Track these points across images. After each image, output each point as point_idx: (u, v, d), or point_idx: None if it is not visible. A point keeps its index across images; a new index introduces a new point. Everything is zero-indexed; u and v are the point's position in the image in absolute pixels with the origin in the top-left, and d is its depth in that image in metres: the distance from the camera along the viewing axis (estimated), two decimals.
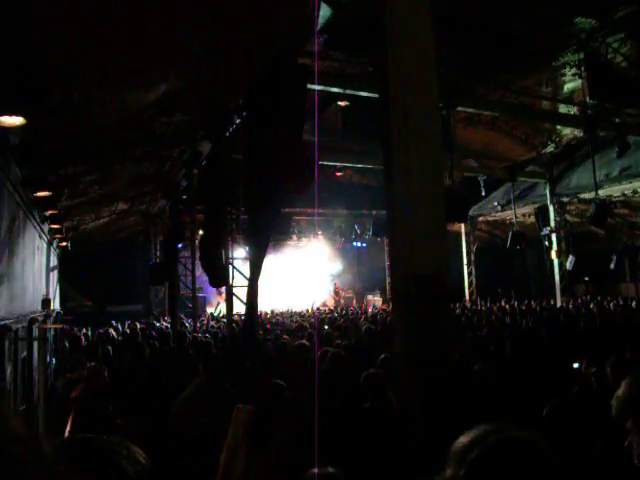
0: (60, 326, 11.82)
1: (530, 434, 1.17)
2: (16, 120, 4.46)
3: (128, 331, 13.22)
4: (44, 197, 7.32)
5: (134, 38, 4.98)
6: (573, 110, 12.84)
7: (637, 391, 1.31)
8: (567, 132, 15.24)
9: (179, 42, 5.74)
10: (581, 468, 2.55)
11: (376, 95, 7.05)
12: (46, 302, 9.91)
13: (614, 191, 16.49)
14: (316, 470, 2.51)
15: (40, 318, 9.03)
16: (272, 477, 3.97)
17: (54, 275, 13.51)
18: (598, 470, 2.57)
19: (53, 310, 11.13)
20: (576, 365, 5.44)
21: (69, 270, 15.99)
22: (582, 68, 10.51)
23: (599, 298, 18.15)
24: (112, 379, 6.28)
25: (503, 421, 1.20)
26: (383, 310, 18.76)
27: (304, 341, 6.34)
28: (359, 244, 27.47)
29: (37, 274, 9.37)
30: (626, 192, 16.66)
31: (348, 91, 10.17)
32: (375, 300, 26.95)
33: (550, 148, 16.66)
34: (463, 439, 1.18)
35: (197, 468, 4.61)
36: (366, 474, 3.16)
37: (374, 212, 21.49)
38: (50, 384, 9.02)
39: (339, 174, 17.74)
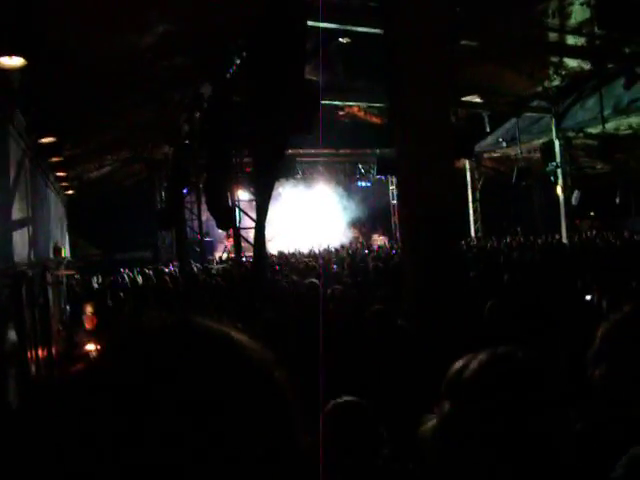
0: (73, 272, 11.99)
1: (526, 352, 1.12)
2: (16, 61, 4.37)
3: (139, 277, 13.43)
4: (49, 144, 7.33)
5: None
6: (581, 42, 12.51)
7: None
8: (574, 65, 14.87)
9: None
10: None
11: (379, 31, 6.91)
12: (57, 249, 10.03)
13: (622, 124, 16.22)
14: (334, 401, 2.30)
15: (52, 265, 9.17)
16: None
17: (63, 223, 13.61)
18: None
19: (64, 258, 11.28)
20: (588, 297, 5.50)
21: (76, 219, 16.07)
22: None
23: (605, 233, 18.15)
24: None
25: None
26: (389, 248, 18.89)
27: (314, 280, 6.43)
28: (364, 184, 27.32)
29: (47, 222, 9.44)
30: (634, 125, 16.40)
31: (350, 27, 9.92)
32: (380, 239, 27.01)
33: (556, 82, 16.30)
34: (455, 365, 1.15)
35: None
36: (380, 399, 3.26)
37: (378, 151, 21.23)
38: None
39: (342, 113, 17.47)
